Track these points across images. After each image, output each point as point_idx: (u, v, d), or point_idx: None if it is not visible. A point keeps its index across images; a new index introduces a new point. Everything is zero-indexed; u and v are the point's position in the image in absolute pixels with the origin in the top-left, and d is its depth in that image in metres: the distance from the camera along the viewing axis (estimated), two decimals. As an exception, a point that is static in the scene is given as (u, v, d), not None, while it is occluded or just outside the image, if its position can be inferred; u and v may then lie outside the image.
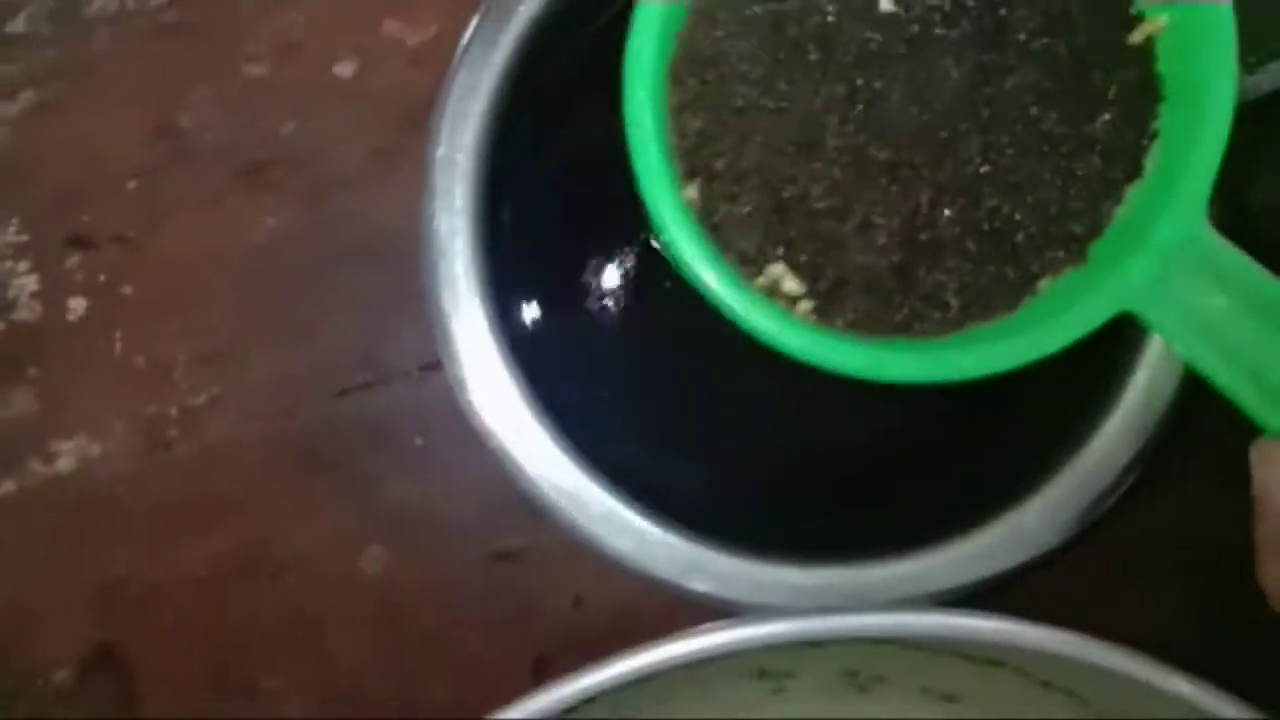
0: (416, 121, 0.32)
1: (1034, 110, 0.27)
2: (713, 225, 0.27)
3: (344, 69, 0.37)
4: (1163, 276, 0.26)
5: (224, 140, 0.37)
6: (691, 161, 0.27)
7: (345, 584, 0.36)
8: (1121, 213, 0.28)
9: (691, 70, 0.27)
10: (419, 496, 0.36)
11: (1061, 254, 0.28)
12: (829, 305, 0.27)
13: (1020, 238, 0.28)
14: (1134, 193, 0.27)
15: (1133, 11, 0.29)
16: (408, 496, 0.36)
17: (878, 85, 0.27)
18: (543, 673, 0.36)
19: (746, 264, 0.27)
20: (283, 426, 0.37)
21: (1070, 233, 0.28)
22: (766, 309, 0.27)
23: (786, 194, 0.27)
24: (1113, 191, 0.28)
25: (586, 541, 0.31)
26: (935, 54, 0.27)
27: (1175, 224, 0.27)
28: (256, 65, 0.37)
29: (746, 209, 0.27)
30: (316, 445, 0.36)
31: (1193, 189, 0.27)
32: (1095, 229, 0.28)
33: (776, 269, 0.27)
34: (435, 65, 0.31)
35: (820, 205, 0.27)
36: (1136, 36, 0.28)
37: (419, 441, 0.36)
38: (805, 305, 0.27)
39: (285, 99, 0.37)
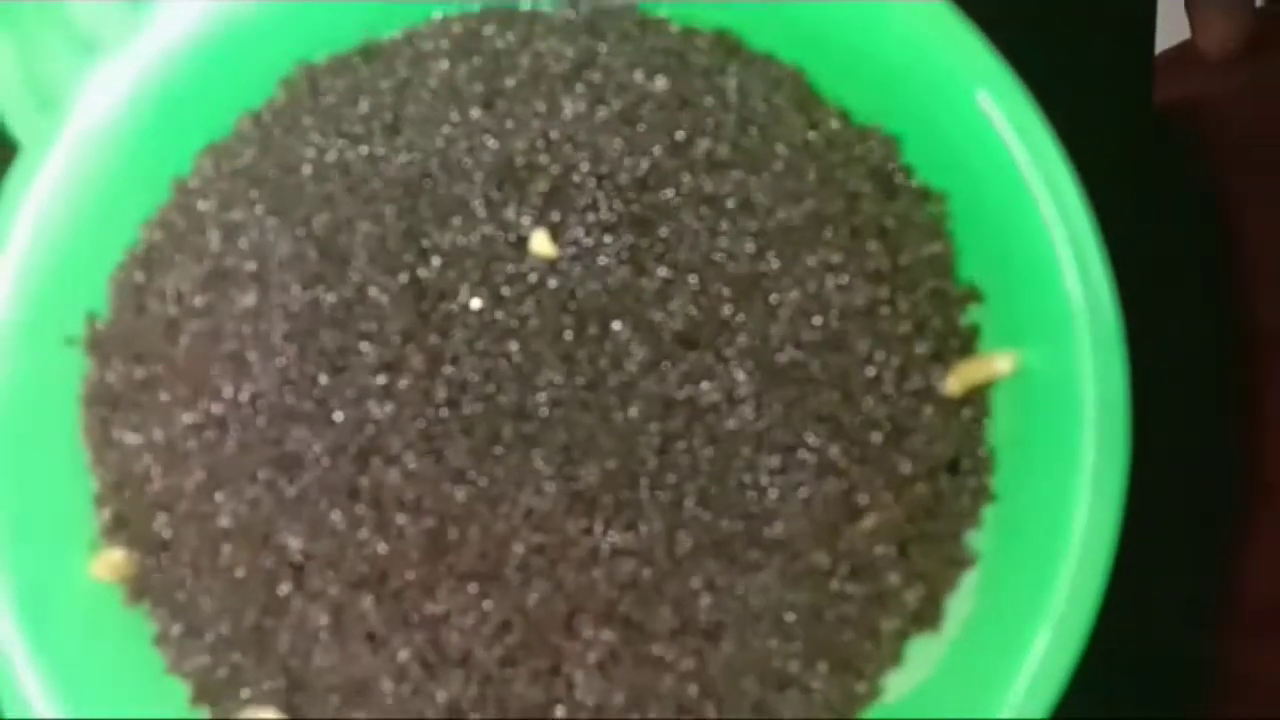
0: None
1: (757, 495, 0.16)
2: (161, 634, 0.17)
3: None
4: None
5: None
6: (120, 500, 0.17)
7: None
8: (898, 696, 0.15)
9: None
10: None
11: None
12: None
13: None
14: (922, 657, 0.16)
15: (963, 325, 0.16)
16: None
17: (478, 389, 0.16)
18: None
19: (209, 702, 0.17)
20: None
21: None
22: None
23: (282, 589, 0.16)
24: (884, 648, 0.15)
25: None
26: (598, 323, 0.16)
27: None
28: None
29: (219, 592, 0.16)
30: None
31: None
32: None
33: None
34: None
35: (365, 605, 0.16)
36: (956, 384, 0.15)
37: None
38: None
39: None
